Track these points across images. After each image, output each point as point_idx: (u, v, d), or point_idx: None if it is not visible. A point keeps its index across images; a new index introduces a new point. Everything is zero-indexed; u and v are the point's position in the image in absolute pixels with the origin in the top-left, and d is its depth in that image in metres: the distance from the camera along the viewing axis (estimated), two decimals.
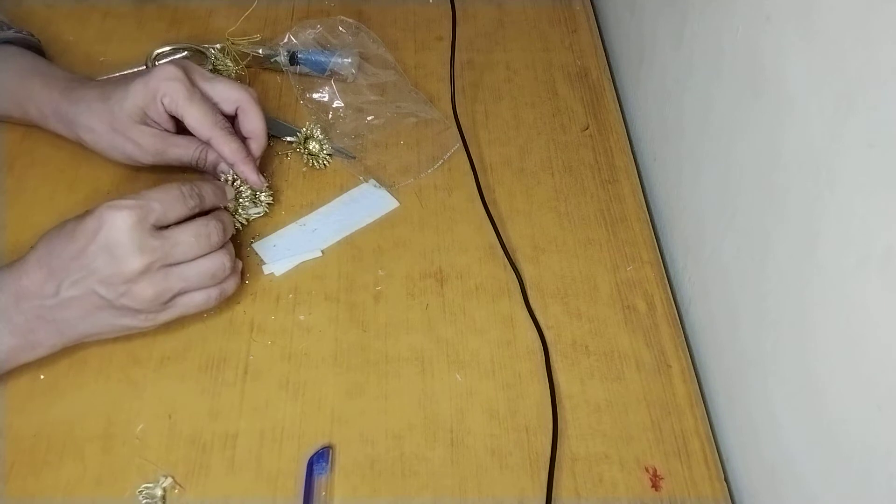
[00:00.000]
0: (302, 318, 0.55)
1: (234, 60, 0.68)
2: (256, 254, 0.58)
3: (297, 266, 0.58)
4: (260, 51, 0.70)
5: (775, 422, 0.46)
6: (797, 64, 0.41)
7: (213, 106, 0.57)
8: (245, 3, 0.75)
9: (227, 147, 0.57)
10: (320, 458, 0.48)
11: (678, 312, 0.58)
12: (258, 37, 0.71)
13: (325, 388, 0.52)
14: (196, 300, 0.50)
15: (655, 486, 0.49)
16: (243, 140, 0.59)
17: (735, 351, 0.51)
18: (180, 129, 0.58)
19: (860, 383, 0.37)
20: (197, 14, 0.75)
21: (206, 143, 0.58)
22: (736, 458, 0.51)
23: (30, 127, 0.64)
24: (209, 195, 0.52)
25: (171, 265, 0.48)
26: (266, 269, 0.57)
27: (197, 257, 0.49)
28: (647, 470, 0.49)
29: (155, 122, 0.57)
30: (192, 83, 0.56)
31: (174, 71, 0.56)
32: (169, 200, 0.48)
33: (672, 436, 0.51)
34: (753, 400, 0.48)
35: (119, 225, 0.46)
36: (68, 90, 0.59)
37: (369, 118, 0.67)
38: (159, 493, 0.47)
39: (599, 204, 0.63)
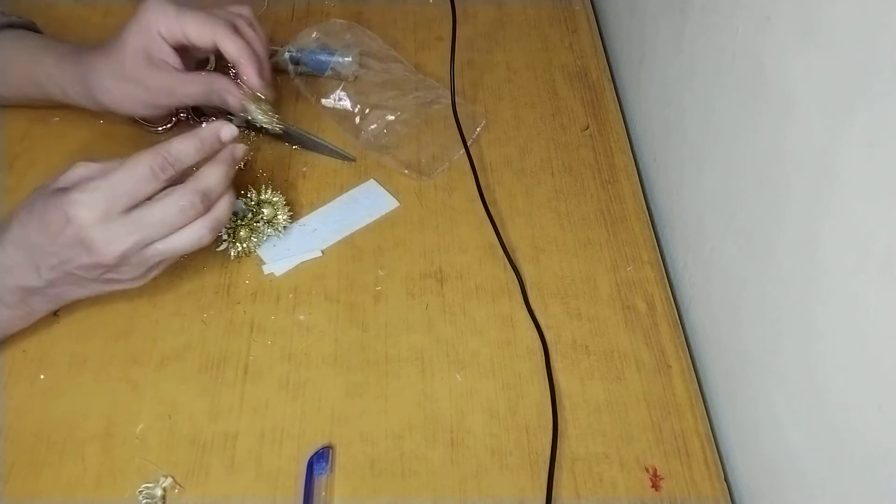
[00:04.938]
0: (302, 318, 0.55)
1: None
2: (256, 254, 0.58)
3: (297, 266, 0.58)
4: None
5: (776, 421, 0.46)
6: (798, 64, 0.41)
7: (210, 11, 0.57)
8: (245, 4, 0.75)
9: (231, 44, 0.56)
10: (320, 458, 0.48)
11: (678, 312, 0.58)
12: None
13: (324, 388, 0.52)
14: (180, 245, 0.48)
15: (655, 486, 0.49)
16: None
17: (735, 350, 0.51)
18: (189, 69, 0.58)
19: (861, 383, 0.37)
20: None
21: (214, 52, 0.58)
22: (736, 458, 0.51)
23: (30, 125, 0.64)
24: (188, 154, 0.48)
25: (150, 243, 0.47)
26: (266, 269, 0.57)
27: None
28: (647, 470, 0.49)
29: (162, 61, 0.56)
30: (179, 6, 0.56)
31: (159, 2, 0.55)
32: (137, 180, 0.46)
33: (672, 436, 0.51)
34: (754, 400, 0.48)
35: (86, 222, 0.45)
36: (79, 60, 0.58)
37: (393, 115, 0.66)
38: (159, 493, 0.47)
39: (599, 204, 0.63)
